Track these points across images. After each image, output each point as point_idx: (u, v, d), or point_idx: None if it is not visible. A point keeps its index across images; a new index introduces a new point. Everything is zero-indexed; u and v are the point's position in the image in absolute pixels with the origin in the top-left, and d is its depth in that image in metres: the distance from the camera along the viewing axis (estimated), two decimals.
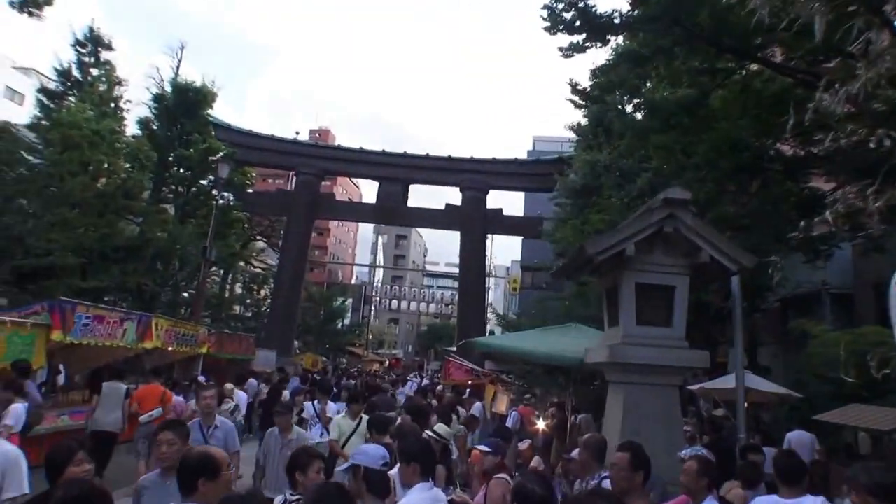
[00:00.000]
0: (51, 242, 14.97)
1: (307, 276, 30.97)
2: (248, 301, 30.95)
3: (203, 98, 22.18)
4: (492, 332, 31.69)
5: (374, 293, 50.13)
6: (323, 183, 30.12)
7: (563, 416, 8.60)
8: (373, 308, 51.26)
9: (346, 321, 44.00)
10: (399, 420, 5.71)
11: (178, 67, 22.84)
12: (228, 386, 10.88)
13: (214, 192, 19.80)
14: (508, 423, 9.20)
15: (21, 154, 15.65)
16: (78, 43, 19.47)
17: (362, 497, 2.97)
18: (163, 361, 13.47)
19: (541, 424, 8.76)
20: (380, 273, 61.29)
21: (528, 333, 8.69)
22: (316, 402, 7.95)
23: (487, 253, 28.74)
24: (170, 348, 11.86)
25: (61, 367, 9.97)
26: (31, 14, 11.40)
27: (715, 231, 5.33)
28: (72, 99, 18.88)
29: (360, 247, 75.77)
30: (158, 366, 11.30)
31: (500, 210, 27.41)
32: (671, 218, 5.02)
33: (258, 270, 32.48)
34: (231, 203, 23.75)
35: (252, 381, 13.94)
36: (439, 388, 17.25)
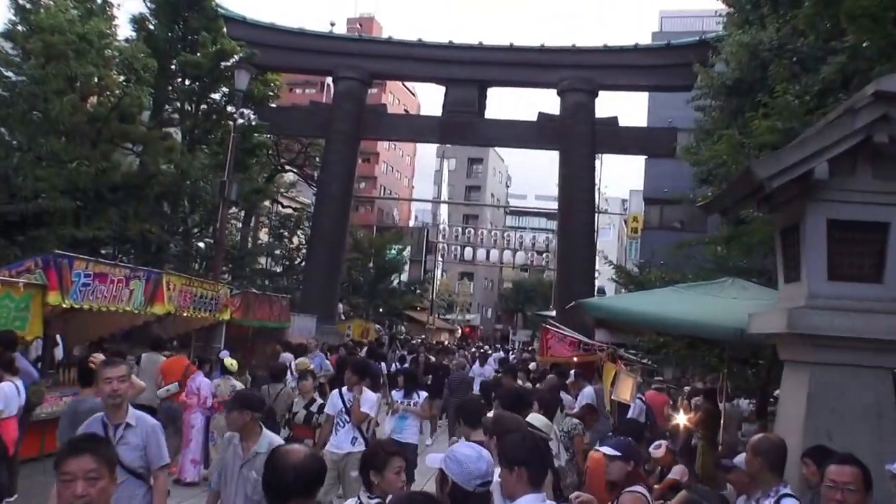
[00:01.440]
0: (39, 182, 15.92)
1: (352, 218, 31.54)
2: (279, 252, 32.12)
3: None
4: (602, 291, 31.40)
5: (439, 239, 50.57)
6: (370, 91, 30.14)
7: (713, 408, 8.40)
8: (439, 259, 51.93)
9: (404, 277, 44.87)
10: (494, 411, 5.74)
11: None
12: (304, 360, 11.63)
13: (231, 108, 20.22)
14: (632, 415, 9.13)
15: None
16: None
17: None
18: (175, 331, 14.27)
19: (680, 419, 8.59)
20: (446, 212, 61.66)
21: (663, 292, 8.42)
22: (346, 389, 7.56)
23: (597, 181, 28.09)
24: (185, 314, 12.43)
25: (59, 338, 10.71)
26: None
27: None
28: None
29: (419, 177, 76.38)
30: (160, 337, 11.99)
31: (615, 119, 26.55)
32: (885, 121, 4.61)
33: (290, 211, 33.49)
34: (253, 123, 24.29)
35: (318, 354, 14.66)
36: (532, 365, 17.36)
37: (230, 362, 10.20)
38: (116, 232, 18.20)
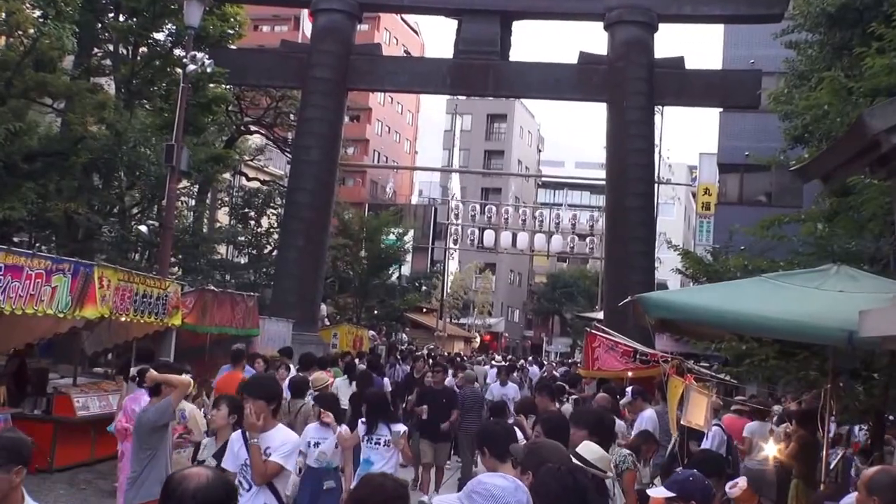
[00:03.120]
0: None
1: (338, 193, 31.53)
2: (243, 238, 32.18)
3: None
4: (664, 286, 31.17)
5: (451, 220, 50.39)
6: (359, 28, 30.02)
7: (810, 436, 8.31)
8: (451, 246, 51.67)
9: (406, 270, 44.88)
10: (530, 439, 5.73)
11: None
12: (320, 375, 11.66)
13: (179, 52, 20.22)
14: (707, 445, 9.09)
15: None
16: None
17: None
18: (111, 341, 14.29)
19: (769, 449, 8.49)
20: (459, 183, 61.39)
21: (744, 284, 8.31)
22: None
23: (657, 142, 27.92)
24: (123, 318, 12.50)
25: None
26: None
27: None
28: None
29: (424, 138, 76.27)
30: (97, 351, 11.93)
31: (680, 60, 26.31)
32: None
33: (256, 185, 33.54)
34: (208, 70, 24.23)
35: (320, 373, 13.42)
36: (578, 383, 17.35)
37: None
38: (33, 213, 18.29)
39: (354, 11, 27.62)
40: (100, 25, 22.50)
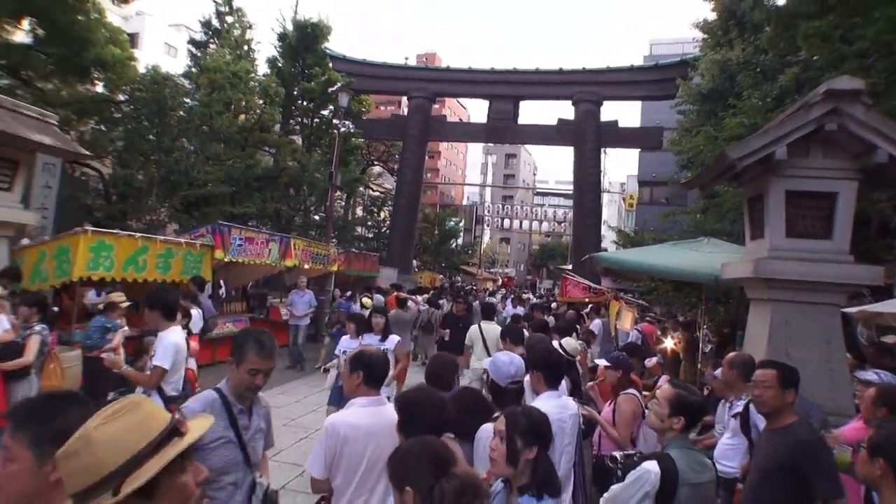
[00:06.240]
0: (207, 174, 16.43)
1: (422, 198, 31.48)
2: (370, 223, 32.42)
3: (320, 33, 22.76)
4: (605, 250, 30.69)
5: (485, 213, 50.19)
6: (433, 106, 29.72)
7: (690, 336, 8.14)
8: (485, 227, 51.57)
9: (460, 241, 44.78)
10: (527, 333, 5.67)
11: (296, 6, 23.26)
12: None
13: (335, 121, 20.31)
14: (631, 339, 8.89)
15: (182, 100, 17.05)
16: None
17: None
18: (293, 279, 14.56)
19: (668, 343, 8.35)
20: (490, 193, 61.03)
21: (655, 248, 8.12)
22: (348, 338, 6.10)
23: (602, 168, 27.26)
24: (306, 266, 12.67)
25: (222, 282, 11.05)
26: None
27: None
28: (213, 46, 20.10)
29: (469, 168, 75.65)
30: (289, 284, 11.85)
31: (615, 122, 25.60)
32: (834, 113, 4.28)
33: (377, 194, 33.67)
34: (351, 130, 24.37)
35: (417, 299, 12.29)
36: (554, 304, 17.17)
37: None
38: (258, 210, 18.61)
39: (431, 97, 27.38)
40: (293, 107, 22.65)
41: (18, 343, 5.01)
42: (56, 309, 7.43)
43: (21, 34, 14.19)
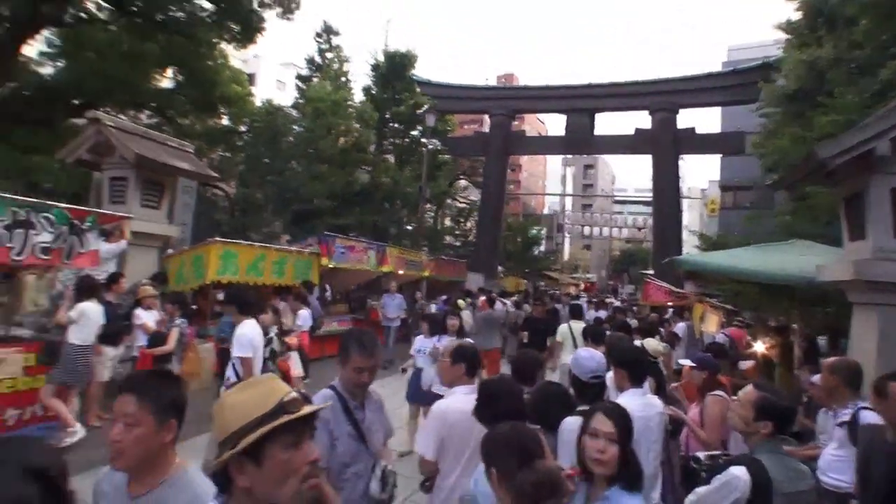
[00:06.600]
0: (313, 191, 17.43)
1: (505, 209, 31.30)
2: (457, 232, 32.69)
3: (408, 61, 23.50)
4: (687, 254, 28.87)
5: (565, 221, 49.10)
6: (513, 122, 29.54)
7: (784, 340, 7.42)
8: (566, 235, 50.41)
9: (542, 248, 43.99)
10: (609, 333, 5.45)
11: (386, 38, 24.27)
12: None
13: (424, 140, 20.79)
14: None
15: (291, 127, 18.29)
16: (317, 35, 22.10)
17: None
18: (390, 282, 14.84)
19: (759, 347, 7.68)
20: (569, 202, 59.61)
21: (742, 251, 7.52)
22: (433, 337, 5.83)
23: (681, 174, 25.78)
24: (400, 271, 12.97)
25: (327, 286, 11.57)
26: (287, 18, 13.24)
27: None
28: (316, 79, 21.42)
29: (549, 179, 74.33)
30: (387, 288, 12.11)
31: (692, 129, 24.16)
32: None
33: (463, 205, 33.91)
34: (438, 148, 24.77)
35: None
36: (635, 308, 16.44)
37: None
38: (357, 221, 19.36)
39: (510, 114, 27.21)
40: (386, 129, 23.41)
41: (163, 334, 5.59)
42: (194, 307, 8.11)
43: (166, 81, 15.80)
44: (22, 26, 12.17)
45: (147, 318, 6.24)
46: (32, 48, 14.11)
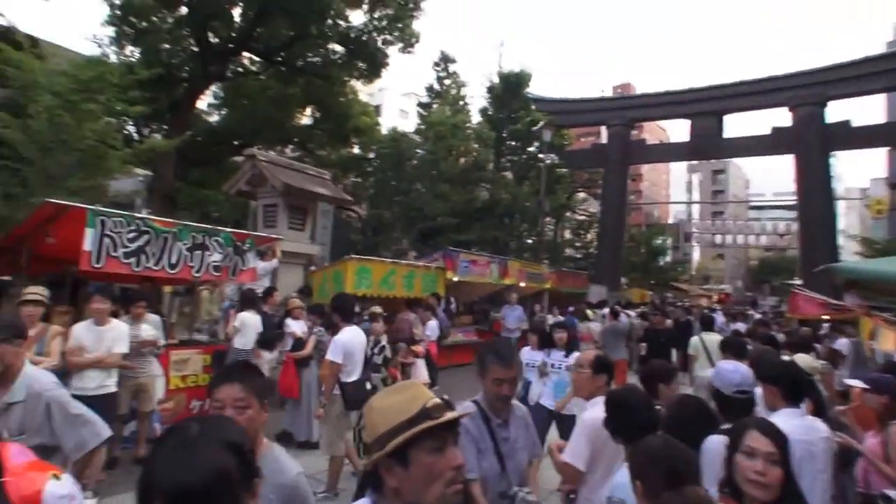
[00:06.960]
0: (437, 210, 18.13)
1: (627, 219, 29.72)
2: (578, 244, 31.77)
3: (522, 80, 23.74)
4: (847, 262, 25.06)
5: (693, 230, 45.33)
6: (632, 132, 28.05)
7: None
8: (694, 244, 46.54)
9: (668, 258, 40.99)
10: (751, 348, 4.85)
11: (500, 59, 24.68)
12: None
13: (541, 155, 20.59)
14: None
15: (414, 151, 19.32)
16: (435, 64, 23.33)
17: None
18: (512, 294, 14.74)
19: None
20: (696, 210, 55.16)
21: None
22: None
23: (834, 173, 22.50)
24: (522, 284, 12.84)
25: (452, 298, 11.79)
26: (407, 52, 14.12)
27: None
28: (436, 105, 22.40)
29: (672, 186, 69.54)
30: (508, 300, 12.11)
31: (846, 122, 20.99)
32: None
33: (583, 218, 32.88)
34: (555, 162, 24.37)
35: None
36: (779, 322, 14.56)
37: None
38: (479, 237, 19.64)
39: (628, 123, 25.83)
40: (503, 147, 23.66)
41: (303, 340, 6.14)
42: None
43: (305, 118, 17.56)
44: (196, 84, 14.31)
45: (295, 327, 6.85)
46: (203, 101, 16.55)
